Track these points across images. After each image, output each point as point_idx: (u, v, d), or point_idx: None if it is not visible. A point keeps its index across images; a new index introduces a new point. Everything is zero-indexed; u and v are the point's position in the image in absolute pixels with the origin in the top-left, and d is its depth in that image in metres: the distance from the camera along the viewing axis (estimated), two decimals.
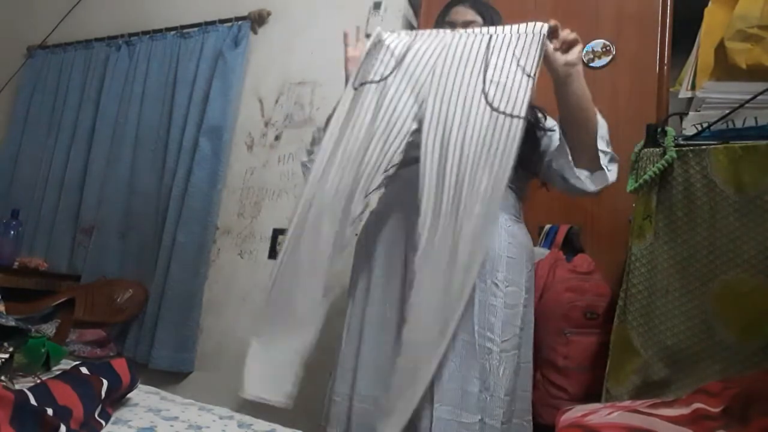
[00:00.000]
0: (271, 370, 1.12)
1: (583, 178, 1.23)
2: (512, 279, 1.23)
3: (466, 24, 1.31)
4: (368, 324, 1.25)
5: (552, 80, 1.18)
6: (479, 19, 1.32)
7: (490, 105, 1.09)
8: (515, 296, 1.23)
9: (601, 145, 1.20)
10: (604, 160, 1.21)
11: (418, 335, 1.09)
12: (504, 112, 1.08)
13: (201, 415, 0.97)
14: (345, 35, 1.34)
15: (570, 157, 1.23)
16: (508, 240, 1.25)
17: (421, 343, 1.09)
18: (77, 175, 2.69)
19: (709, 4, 1.32)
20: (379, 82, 1.18)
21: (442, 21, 1.40)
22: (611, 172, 1.21)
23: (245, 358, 1.13)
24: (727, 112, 1.15)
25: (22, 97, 3.03)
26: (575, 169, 1.23)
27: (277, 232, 2.24)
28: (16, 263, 2.51)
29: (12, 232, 2.58)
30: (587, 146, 1.20)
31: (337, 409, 1.25)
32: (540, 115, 1.34)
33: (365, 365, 1.22)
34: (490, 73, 1.11)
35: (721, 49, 1.17)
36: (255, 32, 2.50)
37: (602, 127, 1.22)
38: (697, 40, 1.32)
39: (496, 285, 1.21)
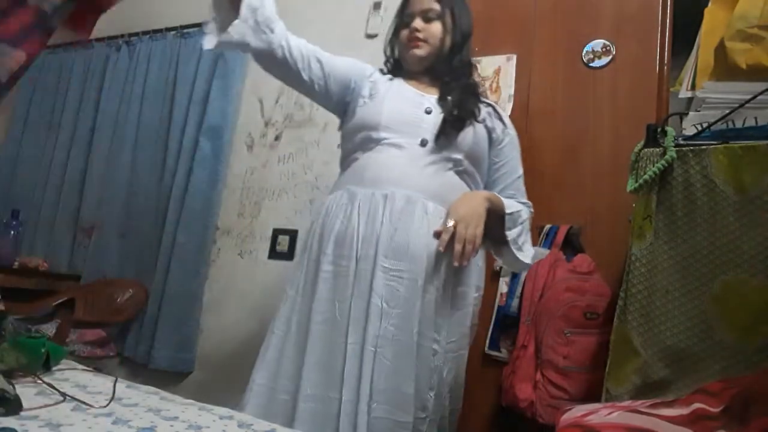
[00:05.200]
0: None
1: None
2: (460, 279, 1.23)
3: (423, 12, 1.32)
4: (316, 323, 1.20)
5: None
6: (436, 6, 1.32)
7: None
8: (464, 297, 1.24)
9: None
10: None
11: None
12: None
13: (201, 415, 0.96)
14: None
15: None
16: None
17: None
18: (77, 175, 2.69)
19: (709, 4, 1.32)
20: None
21: (402, 11, 1.40)
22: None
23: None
24: (727, 112, 1.15)
25: (22, 97, 3.02)
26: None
27: (277, 232, 2.24)
28: (16, 263, 2.51)
29: (12, 232, 2.58)
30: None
31: (257, 400, 1.19)
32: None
33: (312, 364, 1.17)
34: None
35: (721, 49, 1.17)
36: None
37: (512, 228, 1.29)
38: (697, 40, 1.32)
39: (443, 288, 1.20)
